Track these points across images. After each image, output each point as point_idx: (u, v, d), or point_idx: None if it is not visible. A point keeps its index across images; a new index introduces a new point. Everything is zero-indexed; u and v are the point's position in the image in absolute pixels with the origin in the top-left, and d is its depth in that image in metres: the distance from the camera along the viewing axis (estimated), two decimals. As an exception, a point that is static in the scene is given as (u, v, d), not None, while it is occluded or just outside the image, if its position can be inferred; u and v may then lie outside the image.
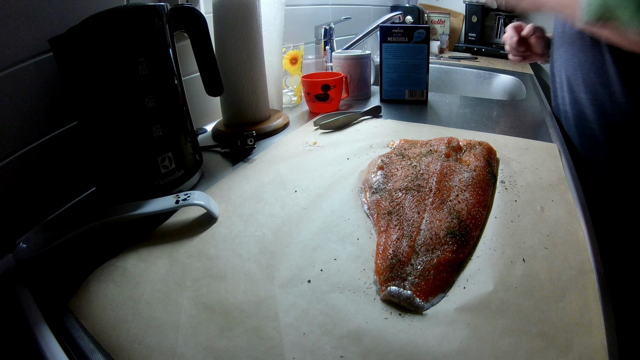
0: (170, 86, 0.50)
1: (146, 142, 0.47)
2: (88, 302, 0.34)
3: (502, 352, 0.28)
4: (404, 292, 0.33)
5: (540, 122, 0.73)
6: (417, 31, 0.82)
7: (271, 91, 0.78)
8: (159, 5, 0.47)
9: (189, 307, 0.33)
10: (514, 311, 0.31)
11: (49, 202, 0.50)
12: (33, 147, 0.47)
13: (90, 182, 0.55)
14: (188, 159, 0.53)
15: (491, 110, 0.82)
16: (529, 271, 0.35)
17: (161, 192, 0.49)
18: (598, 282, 0.34)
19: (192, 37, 0.55)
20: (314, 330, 0.31)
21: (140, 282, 0.36)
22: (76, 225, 0.40)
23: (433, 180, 0.46)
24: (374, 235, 0.41)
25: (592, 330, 0.30)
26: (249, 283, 0.36)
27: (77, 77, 0.44)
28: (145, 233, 0.43)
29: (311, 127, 0.74)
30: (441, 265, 0.36)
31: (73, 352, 0.30)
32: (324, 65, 1.05)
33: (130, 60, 0.44)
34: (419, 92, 0.88)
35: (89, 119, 0.47)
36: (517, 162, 0.55)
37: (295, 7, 1.02)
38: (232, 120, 0.71)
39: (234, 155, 0.64)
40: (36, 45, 0.45)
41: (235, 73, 0.67)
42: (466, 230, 0.40)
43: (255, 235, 0.42)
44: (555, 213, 0.43)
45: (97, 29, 0.42)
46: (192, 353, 0.29)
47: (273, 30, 0.76)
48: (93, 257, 0.40)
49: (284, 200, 0.49)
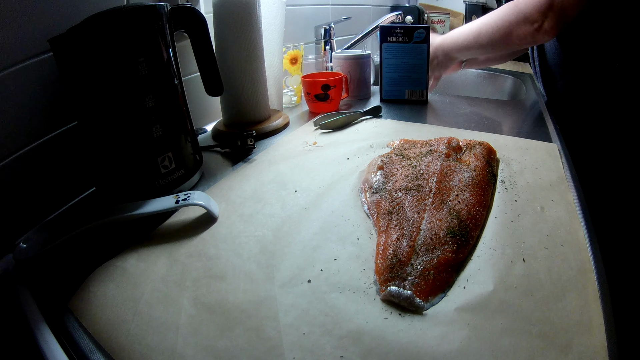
0: (170, 86, 0.50)
1: (146, 142, 0.47)
2: (88, 302, 0.34)
3: (502, 352, 0.28)
4: (404, 292, 0.33)
5: (540, 122, 0.73)
6: (417, 31, 0.82)
7: (271, 91, 0.78)
8: (159, 5, 0.47)
9: (189, 307, 0.33)
10: (514, 311, 0.31)
11: (49, 202, 0.50)
12: (33, 147, 0.47)
13: (90, 182, 0.55)
14: (188, 159, 0.53)
15: (491, 110, 0.82)
16: (529, 271, 0.35)
17: (161, 192, 0.49)
18: (598, 282, 0.34)
19: (192, 37, 0.55)
20: (314, 330, 0.31)
21: (140, 282, 0.36)
22: (76, 225, 0.40)
23: (433, 180, 0.46)
24: (374, 235, 0.41)
25: (592, 330, 0.30)
26: (249, 283, 0.36)
27: (77, 77, 0.44)
28: (145, 233, 0.43)
29: (311, 127, 0.74)
30: (441, 265, 0.36)
31: (73, 352, 0.30)
32: (324, 65, 1.05)
33: (130, 60, 0.44)
34: (419, 92, 0.88)
35: (89, 119, 0.47)
36: (517, 162, 0.55)
37: (295, 7, 1.02)
38: (232, 120, 0.71)
39: (234, 155, 0.64)
40: (36, 45, 0.45)
41: (235, 73, 0.67)
42: (466, 230, 0.40)
43: (255, 235, 0.42)
44: (555, 213, 0.43)
45: (97, 29, 0.42)
46: (192, 353, 0.29)
47: (273, 30, 0.76)
48: (93, 257, 0.40)
49: (284, 200, 0.49)
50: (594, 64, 0.68)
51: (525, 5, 0.66)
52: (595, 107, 0.71)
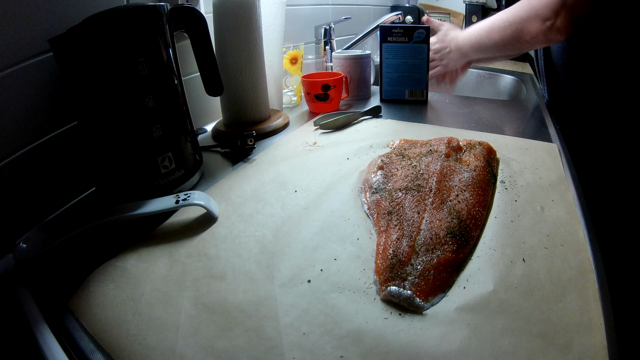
0: (170, 86, 0.50)
1: (146, 142, 0.47)
2: (88, 302, 0.34)
3: (502, 352, 0.28)
4: (404, 292, 0.33)
5: (540, 122, 0.73)
6: (417, 31, 0.82)
7: (271, 91, 0.78)
8: (159, 5, 0.47)
9: (189, 307, 0.33)
10: (514, 311, 0.31)
11: (49, 202, 0.50)
12: (33, 147, 0.47)
13: (90, 182, 0.55)
14: (188, 159, 0.53)
15: (491, 110, 0.82)
16: (529, 271, 0.35)
17: (161, 192, 0.49)
18: (598, 282, 0.34)
19: (192, 37, 0.55)
20: (314, 330, 0.31)
21: (140, 282, 0.36)
22: (76, 225, 0.40)
23: (433, 180, 0.46)
24: (374, 235, 0.41)
25: (592, 330, 0.30)
26: (249, 283, 0.36)
27: (77, 77, 0.44)
28: (145, 233, 0.43)
29: (311, 127, 0.74)
30: (441, 265, 0.36)
31: (73, 352, 0.30)
32: (324, 65, 1.05)
33: (130, 60, 0.44)
34: (419, 92, 0.88)
35: (89, 119, 0.47)
36: (517, 162, 0.55)
37: (295, 7, 1.02)
38: (232, 120, 0.71)
39: (234, 155, 0.64)
40: (36, 45, 0.45)
41: (235, 73, 0.67)
42: (466, 230, 0.40)
43: (255, 235, 0.42)
44: (555, 213, 0.43)
45: (97, 29, 0.42)
46: (192, 353, 0.29)
47: (273, 30, 0.76)
48: (93, 257, 0.40)
49: (284, 200, 0.49)
50: (600, 64, 0.68)
51: (537, 2, 0.65)
52: (597, 107, 0.71)
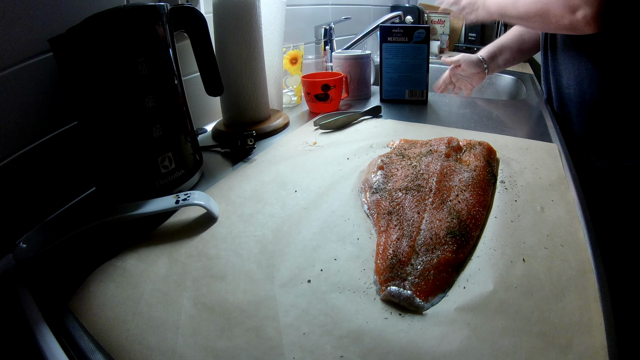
0: (170, 86, 0.50)
1: (146, 142, 0.47)
2: (88, 302, 0.34)
3: (502, 352, 0.28)
4: (404, 292, 0.33)
5: (540, 122, 0.73)
6: (417, 31, 0.82)
7: (271, 91, 0.78)
8: (159, 5, 0.47)
9: (189, 307, 0.33)
10: (514, 311, 0.31)
11: (49, 202, 0.50)
12: (33, 147, 0.47)
13: (90, 182, 0.55)
14: (188, 159, 0.53)
15: (491, 110, 0.82)
16: (529, 271, 0.35)
17: (161, 192, 0.49)
18: (598, 282, 0.34)
19: (192, 37, 0.55)
20: (314, 330, 0.31)
21: (140, 282, 0.36)
22: (76, 225, 0.40)
23: (433, 180, 0.46)
24: (374, 235, 0.41)
25: (592, 330, 0.30)
26: (249, 283, 0.36)
27: (77, 77, 0.44)
28: (145, 233, 0.43)
29: (311, 127, 0.74)
30: (441, 265, 0.36)
31: (73, 352, 0.30)
32: (324, 65, 1.05)
33: (130, 60, 0.44)
34: (419, 92, 0.88)
35: (89, 118, 0.47)
36: (517, 162, 0.55)
37: (295, 7, 1.02)
38: (232, 120, 0.71)
39: (234, 155, 0.64)
40: (36, 45, 0.45)
41: (235, 73, 0.67)
42: (466, 230, 0.40)
43: (255, 235, 0.42)
44: (555, 213, 0.43)
45: (97, 29, 0.42)
46: (192, 353, 0.29)
47: (273, 30, 0.76)
48: (93, 257, 0.40)
49: (284, 200, 0.49)
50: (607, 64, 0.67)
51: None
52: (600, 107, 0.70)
